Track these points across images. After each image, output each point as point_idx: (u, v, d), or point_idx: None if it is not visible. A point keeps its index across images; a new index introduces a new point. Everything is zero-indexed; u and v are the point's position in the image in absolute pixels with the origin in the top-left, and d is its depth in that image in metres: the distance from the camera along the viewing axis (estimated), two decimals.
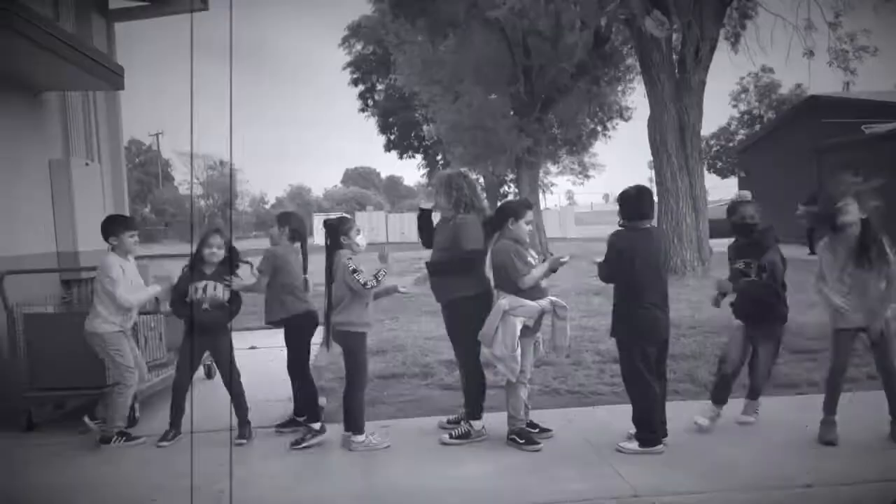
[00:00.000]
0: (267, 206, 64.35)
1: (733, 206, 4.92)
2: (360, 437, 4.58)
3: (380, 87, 36.21)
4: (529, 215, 4.67)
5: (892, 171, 18.73)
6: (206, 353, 5.31)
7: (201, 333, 4.87)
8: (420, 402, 5.69)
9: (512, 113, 21.59)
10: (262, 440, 4.87)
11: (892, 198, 4.52)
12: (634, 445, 4.34)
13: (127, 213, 7.39)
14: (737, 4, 15.77)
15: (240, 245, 5.52)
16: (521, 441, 4.51)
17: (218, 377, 5.23)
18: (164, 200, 61.30)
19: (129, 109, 9.87)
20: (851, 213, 4.29)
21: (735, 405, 4.84)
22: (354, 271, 4.51)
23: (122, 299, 4.84)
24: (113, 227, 5.03)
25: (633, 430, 4.42)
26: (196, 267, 4.95)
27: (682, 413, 5.03)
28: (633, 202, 4.48)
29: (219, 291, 4.95)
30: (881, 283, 4.32)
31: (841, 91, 24.04)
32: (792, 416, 4.92)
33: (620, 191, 4.60)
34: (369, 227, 46.50)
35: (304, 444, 4.66)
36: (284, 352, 5.08)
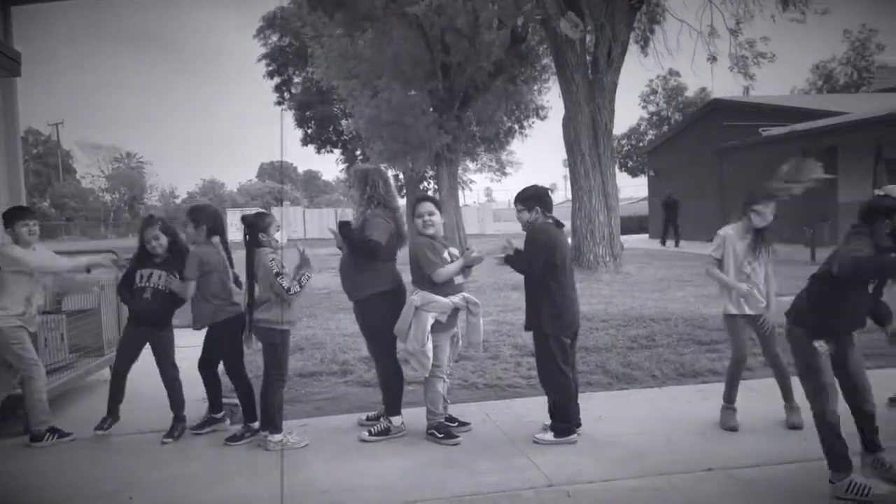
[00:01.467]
0: (178, 201, 62.00)
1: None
2: (278, 437, 4.51)
3: (296, 79, 35.49)
4: (424, 206, 4.66)
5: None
6: None
7: (142, 323, 4.83)
8: (339, 399, 5.65)
9: (431, 109, 21.66)
10: (176, 442, 4.72)
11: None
12: (550, 436, 4.46)
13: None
14: (646, 9, 16.38)
15: (126, 243, 5.36)
16: (439, 435, 4.55)
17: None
18: (64, 194, 58.03)
19: (26, 98, 9.27)
20: (767, 214, 4.55)
21: (633, 393, 5.05)
22: (278, 274, 4.46)
23: (40, 266, 4.71)
24: (7, 219, 4.83)
25: (548, 421, 4.54)
26: (143, 255, 4.88)
27: (595, 405, 5.22)
28: (547, 198, 4.64)
29: (163, 281, 4.84)
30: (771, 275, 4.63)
31: (741, 95, 25.47)
32: (695, 404, 5.17)
33: (524, 188, 4.71)
34: (287, 223, 45.55)
35: (242, 442, 4.64)
36: (195, 351, 4.94)
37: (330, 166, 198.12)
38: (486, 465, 4.14)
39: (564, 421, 4.48)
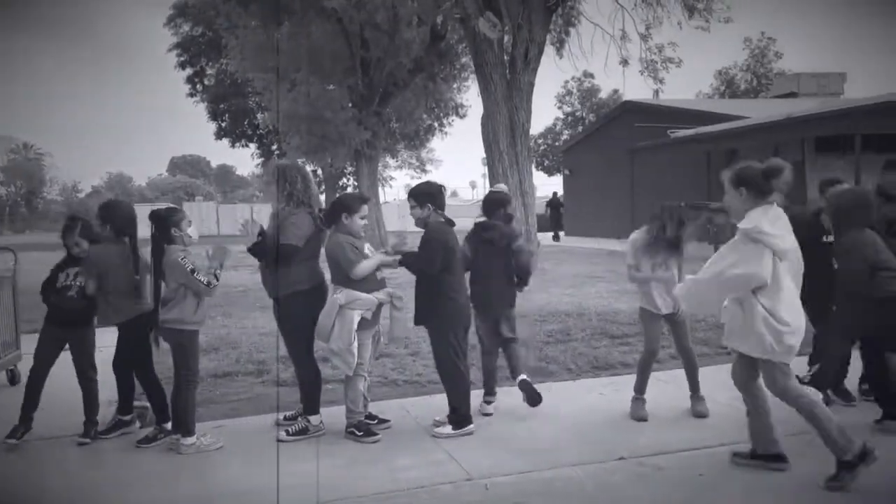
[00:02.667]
0: (80, 195, 58.87)
1: None
2: (191, 440, 4.37)
3: (210, 71, 34.32)
4: (364, 210, 4.68)
5: (695, 170, 20.64)
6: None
7: (65, 323, 4.63)
8: (255, 399, 5.53)
9: (350, 105, 21.46)
10: (83, 447, 4.50)
11: (695, 195, 5.06)
12: (448, 429, 4.54)
13: None
14: (561, 12, 16.77)
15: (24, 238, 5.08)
16: (359, 433, 4.53)
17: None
18: None
19: None
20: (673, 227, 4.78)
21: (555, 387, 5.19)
22: (193, 271, 4.33)
23: None
24: None
25: (438, 416, 4.65)
26: (69, 255, 4.70)
27: (513, 398, 5.32)
28: (440, 195, 4.72)
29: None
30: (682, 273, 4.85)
31: (651, 98, 26.46)
32: (608, 396, 5.36)
33: (418, 184, 4.83)
34: (199, 219, 44.13)
35: (154, 444, 4.50)
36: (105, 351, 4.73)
37: (245, 161, 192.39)
38: (406, 461, 4.15)
39: (462, 413, 4.58)
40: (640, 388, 4.94)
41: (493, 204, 5.11)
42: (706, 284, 3.73)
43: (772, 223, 3.59)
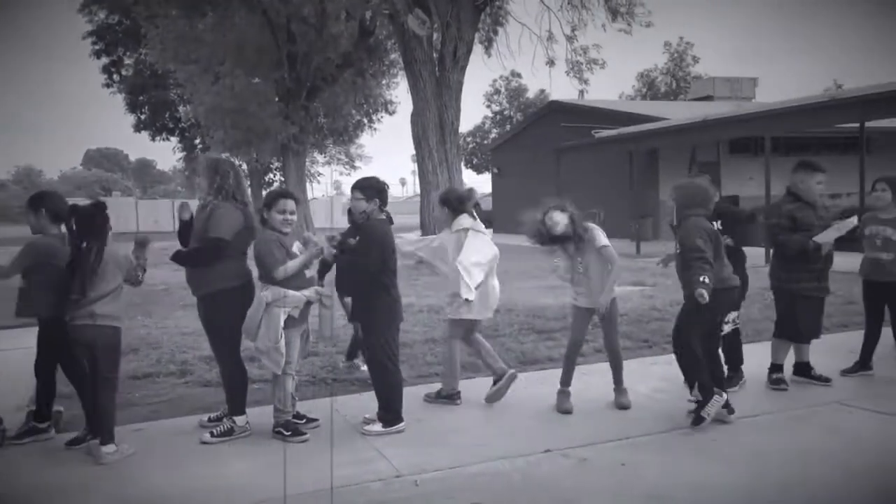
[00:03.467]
0: None
1: None
2: (112, 447, 4.18)
3: (128, 61, 32.94)
4: (282, 204, 4.54)
5: (619, 169, 21.23)
6: None
7: None
8: (177, 401, 5.37)
9: (277, 99, 21.07)
10: None
11: (618, 197, 5.22)
12: (378, 427, 4.54)
13: None
14: (490, 11, 16.96)
15: None
16: (287, 433, 4.47)
17: None
18: None
19: None
20: (560, 224, 4.86)
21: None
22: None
23: None
24: None
25: (368, 414, 4.64)
26: None
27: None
28: (385, 193, 4.71)
29: None
30: (605, 271, 4.99)
31: (577, 98, 27.11)
32: (535, 389, 5.47)
33: (367, 177, 4.82)
34: (117, 216, 42.22)
35: (82, 446, 4.32)
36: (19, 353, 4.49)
37: (166, 155, 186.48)
38: (335, 459, 4.11)
39: (393, 411, 4.58)
40: (565, 381, 5.07)
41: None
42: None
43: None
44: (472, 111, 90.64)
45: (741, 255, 5.31)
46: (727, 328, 4.97)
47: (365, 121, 27.52)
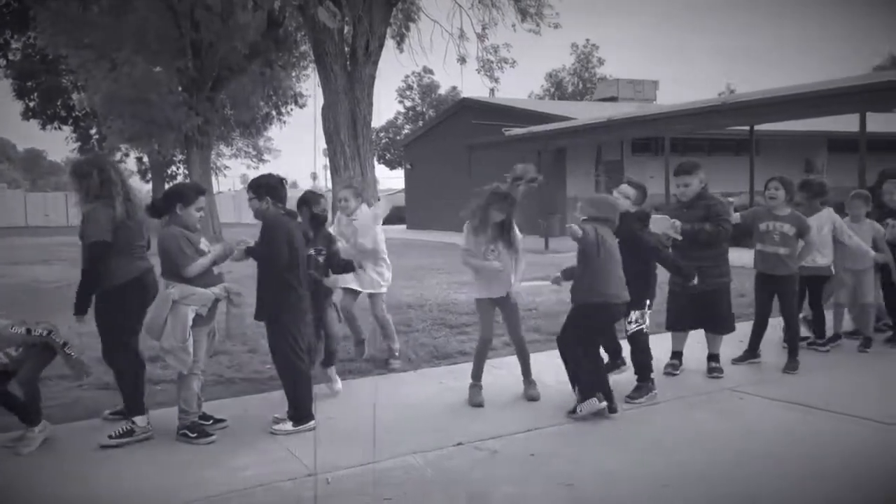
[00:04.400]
0: None
1: None
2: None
3: (15, 44, 30.74)
4: (201, 201, 4.47)
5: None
6: None
7: None
8: (72, 405, 5.09)
9: (180, 89, 20.25)
10: None
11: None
12: (288, 426, 4.46)
13: None
14: (402, 6, 16.92)
15: None
16: (192, 435, 4.32)
17: None
18: None
19: None
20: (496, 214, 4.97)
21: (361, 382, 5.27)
22: None
23: None
24: None
25: (277, 413, 4.56)
26: None
27: (355, 391, 5.33)
28: (281, 188, 4.62)
29: None
30: (514, 261, 5.10)
31: (488, 96, 27.48)
32: (447, 384, 5.52)
33: (258, 176, 4.74)
34: (2, 208, 39.73)
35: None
36: None
37: (58, 145, 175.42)
38: (244, 460, 4.03)
39: (302, 408, 4.52)
40: (476, 375, 5.14)
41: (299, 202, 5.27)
42: None
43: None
44: (385, 106, 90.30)
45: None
46: (631, 328, 5.10)
47: (274, 113, 26.88)
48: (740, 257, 6.66)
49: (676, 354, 5.74)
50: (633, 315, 5.06)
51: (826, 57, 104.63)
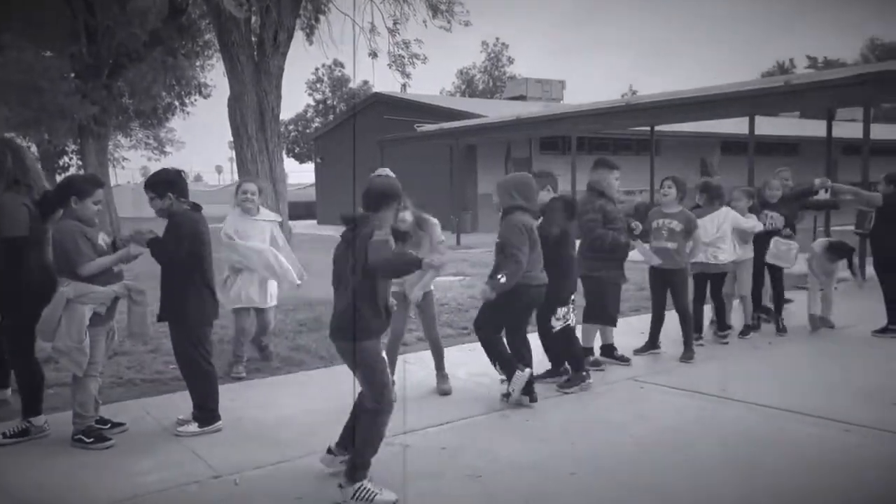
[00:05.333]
0: None
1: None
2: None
3: None
4: (98, 194, 4.24)
5: (440, 163, 21.76)
6: None
7: None
8: None
9: (73, 76, 19.12)
10: None
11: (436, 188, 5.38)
12: (194, 427, 4.33)
13: None
14: None
15: None
16: (88, 440, 4.11)
17: None
18: None
19: None
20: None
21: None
22: None
23: None
24: None
25: (182, 415, 4.43)
26: None
27: (263, 390, 5.22)
28: (180, 181, 4.39)
29: None
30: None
31: (399, 91, 27.43)
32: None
33: (154, 173, 4.51)
34: None
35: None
36: None
37: None
38: (146, 464, 3.87)
39: (208, 409, 4.40)
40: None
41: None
42: None
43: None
44: (294, 99, 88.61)
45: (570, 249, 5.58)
46: (558, 325, 5.19)
47: (176, 103, 25.74)
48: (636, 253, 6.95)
49: (589, 350, 5.89)
50: (560, 311, 5.16)
51: (720, 59, 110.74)
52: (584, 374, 5.24)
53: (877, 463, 3.79)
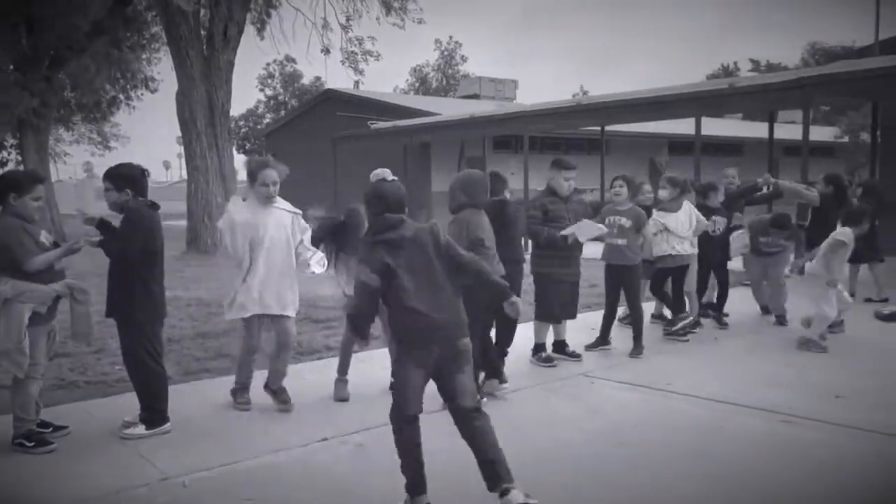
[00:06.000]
0: None
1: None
2: None
3: None
4: (38, 190, 4.11)
5: (393, 160, 21.61)
6: None
7: None
8: None
9: (12, 67, 18.41)
10: None
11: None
12: (141, 429, 4.24)
13: None
14: None
15: None
16: (29, 444, 3.98)
17: None
18: None
19: None
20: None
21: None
22: None
23: None
24: None
25: (128, 417, 4.32)
26: None
27: (212, 391, 5.13)
28: (142, 179, 4.35)
29: None
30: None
31: (352, 88, 27.24)
32: (313, 379, 5.44)
33: (116, 165, 4.41)
34: None
35: None
36: None
37: None
38: (91, 468, 3.77)
39: (157, 411, 4.30)
40: (342, 369, 5.11)
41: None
42: None
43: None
44: (245, 94, 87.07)
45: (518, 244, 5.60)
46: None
47: (122, 97, 25.01)
48: (590, 250, 7.07)
49: (541, 346, 5.96)
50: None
51: (668, 62, 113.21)
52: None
53: (817, 453, 3.94)
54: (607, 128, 18.41)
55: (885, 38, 15.29)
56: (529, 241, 6.02)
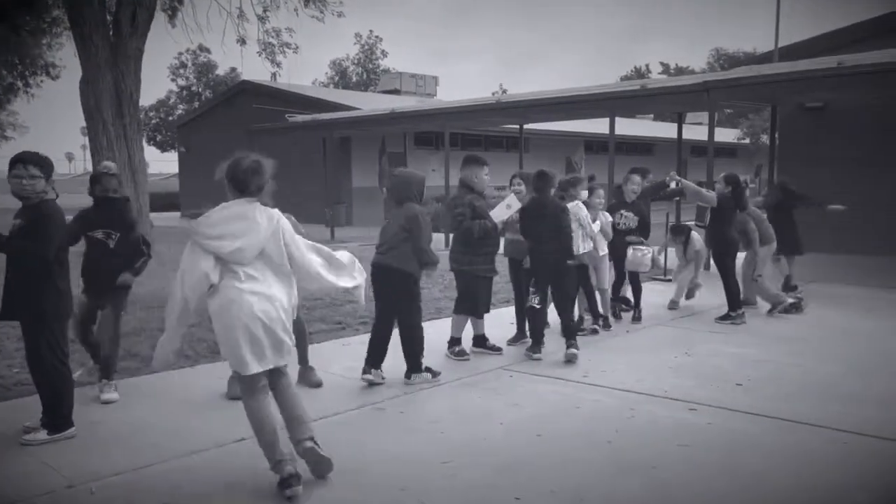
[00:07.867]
0: None
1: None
2: None
3: None
4: None
5: (312, 154, 21.37)
6: None
7: None
8: None
9: None
10: None
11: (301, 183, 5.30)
12: (43, 434, 4.03)
13: None
14: None
15: None
16: None
17: None
18: None
19: None
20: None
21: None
22: None
23: None
24: None
25: (29, 422, 4.12)
26: None
27: (123, 390, 4.93)
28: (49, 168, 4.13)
29: None
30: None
31: (270, 80, 26.61)
32: (226, 379, 5.30)
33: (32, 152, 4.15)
34: None
35: None
36: None
37: None
38: None
39: (62, 416, 4.10)
40: (303, 358, 5.09)
41: None
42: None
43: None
44: (156, 84, 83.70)
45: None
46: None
47: (20, 84, 23.58)
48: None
49: (457, 340, 6.03)
50: None
51: (584, 64, 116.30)
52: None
53: (721, 439, 4.16)
54: (526, 126, 18.74)
55: (784, 45, 16.21)
56: (450, 237, 6.10)
